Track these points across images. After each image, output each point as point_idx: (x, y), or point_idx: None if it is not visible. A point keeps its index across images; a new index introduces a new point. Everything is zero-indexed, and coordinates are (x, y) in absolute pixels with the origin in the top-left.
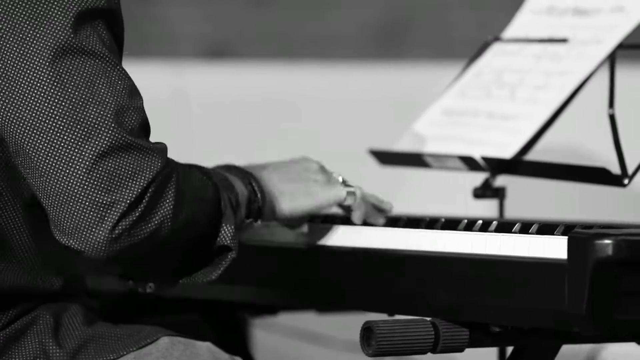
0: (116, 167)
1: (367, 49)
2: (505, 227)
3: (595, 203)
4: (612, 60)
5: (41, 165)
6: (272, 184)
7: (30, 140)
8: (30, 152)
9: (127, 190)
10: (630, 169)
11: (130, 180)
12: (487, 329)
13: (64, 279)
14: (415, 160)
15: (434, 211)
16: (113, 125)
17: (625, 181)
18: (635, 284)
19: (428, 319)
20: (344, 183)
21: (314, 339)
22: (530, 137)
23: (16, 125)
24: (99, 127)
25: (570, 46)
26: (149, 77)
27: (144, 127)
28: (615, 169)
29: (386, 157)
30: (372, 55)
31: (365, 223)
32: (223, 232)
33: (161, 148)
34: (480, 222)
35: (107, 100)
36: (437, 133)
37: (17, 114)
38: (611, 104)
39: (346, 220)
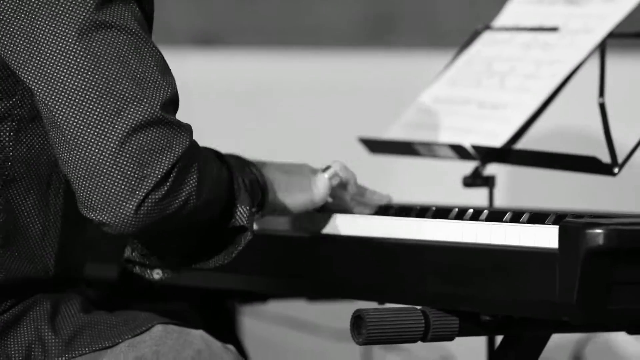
0: (147, 141)
1: (358, 38)
2: (496, 216)
3: (586, 192)
4: (602, 49)
5: (73, 138)
6: (271, 175)
7: (63, 113)
8: (62, 124)
9: (158, 165)
10: (620, 158)
11: (161, 155)
12: (478, 318)
13: (65, 268)
14: (405, 148)
15: (423, 199)
16: (145, 100)
17: (616, 170)
18: (626, 274)
19: (418, 307)
20: (324, 169)
21: (303, 327)
22: (521, 125)
23: (50, 99)
24: (131, 102)
25: (561, 35)
26: None
27: (174, 103)
28: (606, 157)
29: (376, 146)
30: (363, 44)
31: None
32: (239, 213)
33: (188, 126)
34: (471, 211)
35: (138, 75)
36: (427, 121)
37: (50, 88)
38: (601, 93)
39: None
